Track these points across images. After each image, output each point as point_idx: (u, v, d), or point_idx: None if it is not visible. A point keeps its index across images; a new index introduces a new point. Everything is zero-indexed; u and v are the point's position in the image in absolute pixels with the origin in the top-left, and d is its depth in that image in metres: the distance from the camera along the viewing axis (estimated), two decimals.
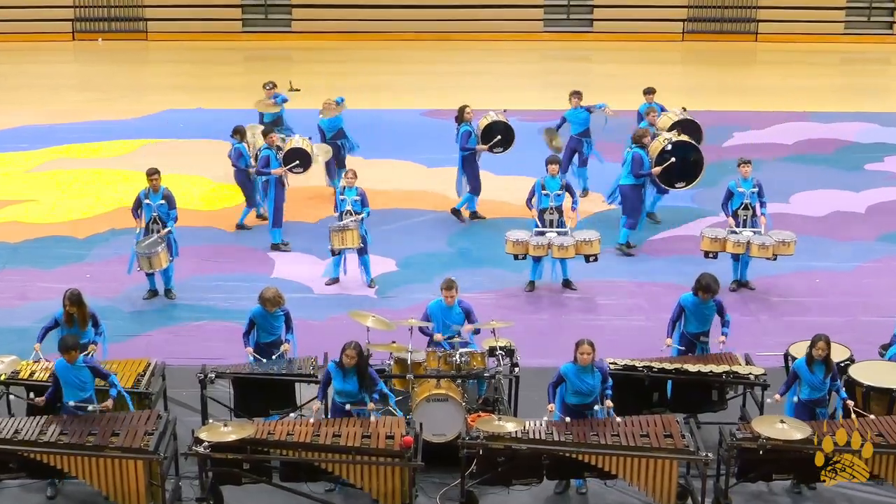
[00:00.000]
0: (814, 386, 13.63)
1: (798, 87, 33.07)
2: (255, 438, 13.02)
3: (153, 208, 18.58)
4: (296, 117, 25.10)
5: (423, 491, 13.63)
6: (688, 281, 18.98)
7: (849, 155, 26.71)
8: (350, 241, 18.67)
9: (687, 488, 13.28)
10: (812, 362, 13.58)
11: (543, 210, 18.88)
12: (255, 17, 39.59)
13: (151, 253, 18.17)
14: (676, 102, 31.11)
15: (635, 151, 19.85)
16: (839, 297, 18.59)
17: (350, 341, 13.59)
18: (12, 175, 25.24)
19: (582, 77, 34.66)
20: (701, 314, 15.29)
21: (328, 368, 13.86)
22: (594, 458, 13.02)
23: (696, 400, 14.81)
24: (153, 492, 12.96)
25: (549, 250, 18.53)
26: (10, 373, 14.52)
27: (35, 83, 33.76)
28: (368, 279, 19.35)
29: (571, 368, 13.60)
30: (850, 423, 13.23)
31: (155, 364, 14.97)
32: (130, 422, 13.34)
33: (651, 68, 35.54)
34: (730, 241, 18.60)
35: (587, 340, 13.55)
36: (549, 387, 13.79)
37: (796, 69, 35.51)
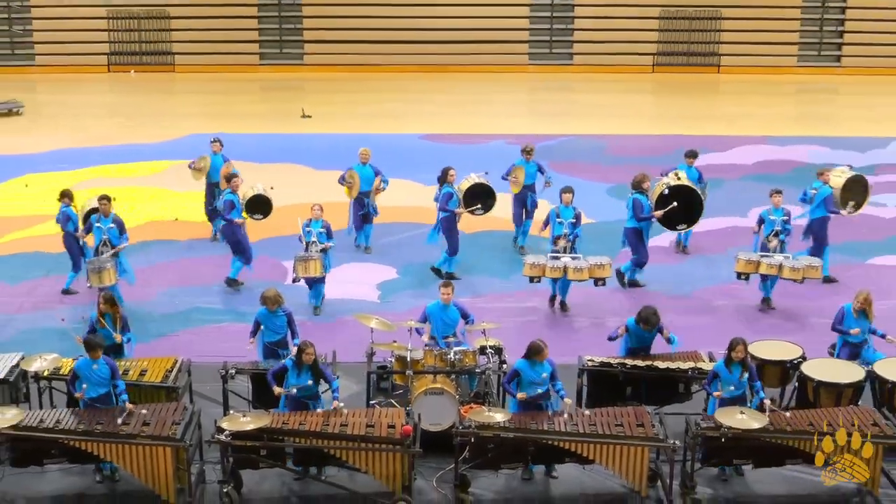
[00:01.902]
0: (732, 384, 13.62)
1: (756, 114, 33.10)
2: (270, 428, 13.04)
3: (103, 231, 18.15)
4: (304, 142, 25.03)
5: (422, 475, 13.63)
6: (661, 287, 19.21)
7: (802, 174, 26.63)
8: (313, 270, 18.16)
9: (657, 472, 13.33)
10: (730, 363, 13.62)
11: (558, 237, 18.49)
12: (271, 51, 39.60)
13: (101, 268, 17.75)
14: (647, 127, 31.34)
15: (635, 197, 19.08)
16: (793, 300, 18.57)
17: (306, 341, 13.68)
18: (54, 192, 25.10)
19: (563, 105, 34.82)
20: (641, 337, 15.24)
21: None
22: (574, 445, 13.06)
23: (664, 393, 14.80)
24: (180, 475, 12.99)
25: (564, 273, 18.12)
26: (52, 369, 14.54)
27: (74, 111, 33.75)
28: (318, 303, 18.70)
29: (525, 364, 13.68)
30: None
31: (181, 361, 15.00)
32: (160, 413, 13.35)
33: (625, 97, 35.70)
34: (763, 264, 18.14)
35: (541, 340, 13.70)
36: (505, 384, 13.95)
37: (754, 98, 35.54)
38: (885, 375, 14.27)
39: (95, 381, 13.44)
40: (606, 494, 13.56)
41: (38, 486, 13.58)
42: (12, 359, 14.77)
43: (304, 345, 13.54)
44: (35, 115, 32.91)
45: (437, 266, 19.92)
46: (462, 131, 30.61)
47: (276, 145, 29.06)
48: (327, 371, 13.74)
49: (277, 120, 32.46)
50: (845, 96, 36.71)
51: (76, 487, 13.63)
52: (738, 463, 13.64)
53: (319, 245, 18.34)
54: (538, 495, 13.59)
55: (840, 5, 39.14)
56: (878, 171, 26.81)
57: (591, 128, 31.13)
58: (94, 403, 13.49)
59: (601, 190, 24.89)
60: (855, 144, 29.30)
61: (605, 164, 27.36)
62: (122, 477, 13.57)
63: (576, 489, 13.67)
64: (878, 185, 25.51)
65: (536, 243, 20.91)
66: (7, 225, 22.21)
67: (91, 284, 17.94)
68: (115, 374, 13.57)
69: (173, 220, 22.78)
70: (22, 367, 14.58)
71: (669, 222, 19.14)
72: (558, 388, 13.77)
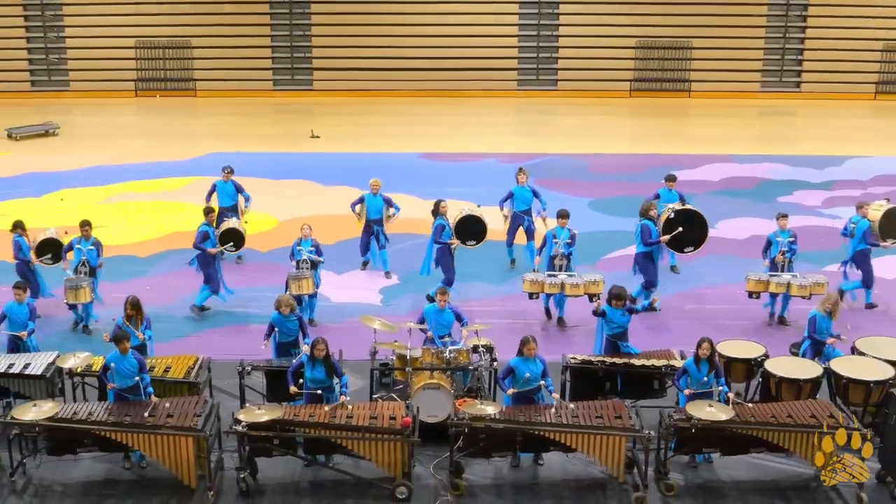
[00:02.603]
0: (699, 381, 13.66)
1: (723, 135, 33.09)
2: (283, 419, 13.09)
3: (83, 253, 17.97)
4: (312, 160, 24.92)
5: (420, 462, 13.66)
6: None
7: (765, 189, 26.75)
8: (306, 287, 17.90)
9: (633, 459, 13.34)
10: (699, 361, 13.64)
11: (554, 256, 18.30)
12: (283, 78, 39.57)
13: (77, 286, 17.56)
14: (625, 147, 31.37)
15: (643, 223, 18.58)
16: (758, 304, 18.58)
17: (319, 337, 13.73)
18: (88, 205, 25.25)
19: (548, 127, 34.84)
20: (618, 321, 15.24)
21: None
22: (558, 434, 13.10)
23: (640, 388, 14.83)
24: (201, 462, 13.05)
25: (561, 289, 17.97)
26: (84, 366, 14.58)
27: (105, 132, 33.71)
28: (311, 315, 18.27)
29: (519, 361, 13.71)
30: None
31: (202, 359, 15.02)
32: (182, 405, 13.39)
33: (604, 119, 35.71)
34: (772, 283, 17.90)
35: (532, 337, 13.75)
36: (499, 380, 13.94)
37: (722, 120, 35.54)
38: (840, 372, 14.33)
39: (125, 374, 13.50)
40: (587, 480, 13.57)
41: (72, 472, 13.61)
42: (49, 357, 14.82)
43: (317, 341, 13.60)
44: (69, 136, 32.89)
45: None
46: (457, 150, 30.60)
47: (288, 163, 29.06)
48: (338, 366, 13.77)
49: (289, 140, 32.46)
50: (804, 118, 36.73)
51: (106, 474, 13.63)
52: (707, 451, 13.66)
53: (309, 263, 18.12)
54: (526, 480, 13.59)
55: (800, 36, 39.15)
56: (835, 187, 26.91)
57: (573, 147, 31.13)
58: (123, 394, 13.54)
59: (583, 204, 24.87)
60: (813, 162, 29.29)
61: (586, 181, 27.36)
62: (149, 464, 13.58)
63: (559, 475, 13.68)
64: (833, 199, 25.71)
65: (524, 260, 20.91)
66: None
67: (67, 301, 17.73)
68: (142, 368, 13.63)
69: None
70: (57, 364, 14.64)
71: (678, 246, 18.67)
72: (548, 384, 13.79)
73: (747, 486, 13.42)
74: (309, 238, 18.32)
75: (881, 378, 14.12)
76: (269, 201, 24.65)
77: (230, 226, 19.41)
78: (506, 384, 13.79)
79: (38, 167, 28.76)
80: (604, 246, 21.55)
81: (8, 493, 13.15)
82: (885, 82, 39.11)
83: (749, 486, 13.41)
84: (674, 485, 13.25)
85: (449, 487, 13.21)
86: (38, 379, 14.39)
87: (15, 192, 26.39)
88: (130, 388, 13.59)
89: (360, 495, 13.15)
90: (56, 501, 13.06)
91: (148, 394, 13.54)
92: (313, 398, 13.64)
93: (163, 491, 13.19)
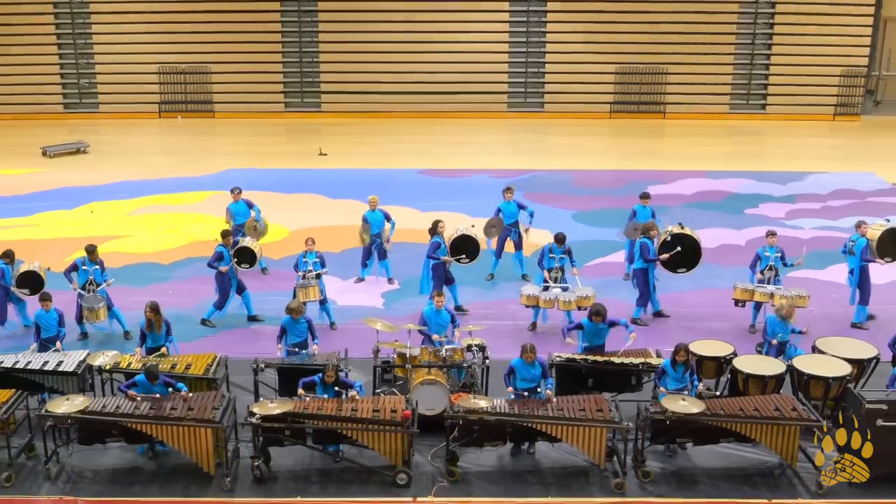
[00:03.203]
0: (676, 379, 13.81)
1: (695, 153, 33.12)
2: (293, 412, 13.10)
3: (89, 272, 17.50)
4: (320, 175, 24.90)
5: (419, 451, 13.68)
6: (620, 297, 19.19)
7: (733, 202, 26.77)
8: (312, 295, 17.82)
9: (613, 449, 13.34)
10: (675, 364, 13.80)
11: (550, 269, 18.15)
12: (294, 101, 39.58)
13: (94, 307, 17.26)
14: (606, 164, 31.40)
15: (643, 241, 18.33)
16: (725, 307, 18.56)
17: (329, 364, 13.71)
18: (115, 217, 25.26)
19: (536, 145, 34.84)
20: (596, 333, 15.21)
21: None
22: (544, 426, 13.13)
23: (619, 384, 14.84)
24: (218, 451, 13.07)
25: (555, 303, 17.83)
26: (112, 364, 14.62)
27: (131, 150, 33.74)
28: (332, 320, 18.23)
29: (519, 363, 13.77)
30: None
31: (220, 357, 15.04)
32: (202, 400, 13.40)
33: (586, 139, 35.74)
34: (758, 292, 17.76)
35: (530, 346, 13.79)
36: (504, 377, 13.94)
37: (694, 139, 35.60)
38: (801, 369, 14.37)
39: (151, 393, 13.54)
40: (571, 467, 13.56)
41: (101, 460, 13.62)
42: (80, 355, 14.84)
43: (326, 369, 13.61)
44: (99, 154, 32.87)
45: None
46: (452, 167, 30.61)
47: (298, 178, 29.04)
48: (348, 381, 13.78)
49: (299, 157, 32.46)
50: (770, 137, 36.75)
51: (132, 462, 13.64)
52: (680, 441, 13.65)
53: (315, 273, 18.05)
54: (514, 467, 13.59)
55: (765, 62, 39.20)
56: (797, 200, 26.94)
57: (559, 164, 31.16)
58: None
59: (568, 216, 24.92)
60: (777, 178, 29.35)
61: (571, 195, 27.36)
62: (171, 453, 13.58)
63: (546, 463, 13.68)
64: (796, 211, 25.75)
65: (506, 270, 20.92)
66: (76, 244, 22.17)
67: (88, 321, 17.46)
68: (172, 386, 13.69)
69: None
70: (88, 362, 14.66)
71: (672, 266, 18.37)
72: (548, 383, 13.90)
73: (717, 473, 13.43)
74: (313, 251, 18.28)
75: (839, 374, 14.18)
76: (281, 214, 24.64)
77: (243, 244, 19.12)
78: (509, 381, 13.83)
79: (71, 182, 28.79)
80: (587, 254, 21.54)
81: (43, 480, 13.17)
82: (843, 104, 39.18)
83: (719, 473, 13.41)
84: (650, 472, 13.26)
85: (445, 474, 13.22)
86: (70, 375, 14.41)
87: (49, 204, 26.42)
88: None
89: (364, 481, 13.14)
90: (86, 487, 13.05)
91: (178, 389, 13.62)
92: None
93: (184, 477, 13.20)
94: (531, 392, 13.78)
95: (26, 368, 14.52)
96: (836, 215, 25.48)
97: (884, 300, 18.80)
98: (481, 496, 12.91)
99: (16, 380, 14.39)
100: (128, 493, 12.95)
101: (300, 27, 39.07)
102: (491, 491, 13.02)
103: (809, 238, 23.32)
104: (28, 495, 12.90)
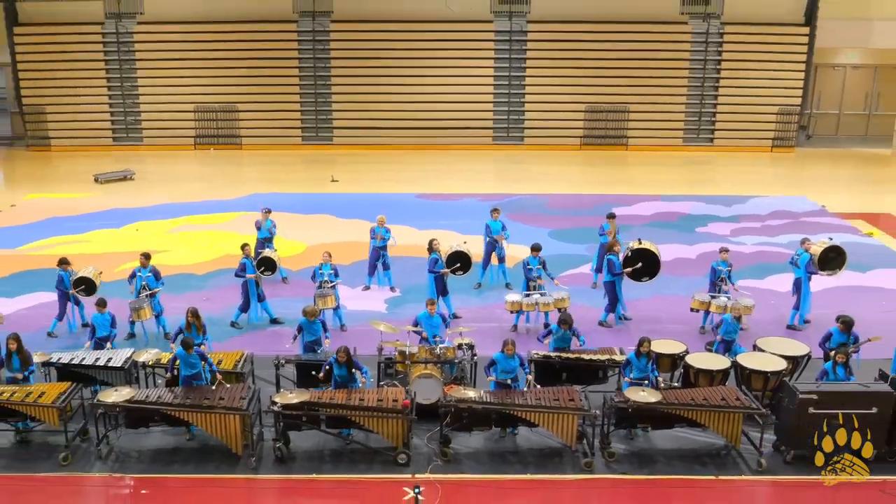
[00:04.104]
0: (639, 368, 13.89)
1: (653, 180, 33.25)
2: (309, 401, 13.14)
3: (143, 279, 17.61)
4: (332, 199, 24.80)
5: (417, 435, 13.72)
6: (589, 302, 19.22)
7: (686, 222, 26.83)
8: (330, 303, 17.72)
9: (583, 433, 13.34)
10: (640, 355, 13.85)
11: (529, 279, 18.27)
12: (310, 135, 39.64)
13: (139, 307, 17.31)
14: (577, 189, 31.46)
15: (609, 258, 18.30)
16: (680, 312, 18.63)
17: (341, 346, 13.73)
18: (157, 235, 25.29)
19: (517, 173, 34.91)
20: (563, 338, 15.16)
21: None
22: (524, 413, 13.17)
23: (588, 377, 14.88)
24: (245, 435, 13.09)
25: (536, 307, 17.87)
26: (154, 360, 14.68)
27: (170, 177, 33.78)
28: (343, 322, 18.09)
29: (501, 356, 13.80)
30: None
31: (246, 354, 15.06)
32: (231, 391, 13.43)
33: (560, 168, 35.80)
34: (713, 304, 17.68)
35: (511, 340, 13.84)
36: (485, 368, 14.00)
37: (652, 168, 35.70)
38: (744, 364, 14.39)
39: (188, 364, 13.68)
40: (547, 449, 13.59)
41: (145, 442, 13.64)
42: (127, 353, 14.88)
43: (339, 349, 13.64)
44: (143, 180, 32.91)
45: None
46: (445, 191, 30.70)
47: (313, 201, 29.07)
48: (358, 362, 13.82)
49: (314, 183, 32.51)
50: (717, 166, 36.86)
51: (172, 444, 13.67)
52: (640, 426, 13.70)
53: (330, 283, 18.04)
54: (499, 449, 13.61)
55: (713, 101, 39.35)
56: (741, 220, 27.02)
57: (536, 189, 31.24)
58: (189, 379, 13.73)
59: (544, 233, 24.95)
60: (724, 201, 29.44)
61: (546, 215, 27.44)
62: (203, 437, 13.60)
63: (525, 445, 13.72)
64: (739, 230, 25.82)
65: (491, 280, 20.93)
66: (124, 258, 22.24)
67: (133, 320, 17.45)
68: (204, 358, 13.82)
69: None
70: (134, 358, 14.69)
71: (636, 276, 18.33)
72: (527, 370, 14.03)
73: (672, 453, 13.47)
74: (328, 262, 18.28)
75: (777, 369, 14.23)
76: (298, 231, 24.73)
77: (265, 254, 19.35)
78: (489, 372, 13.88)
79: (118, 204, 28.82)
80: (561, 266, 21.60)
81: (95, 459, 13.18)
82: (780, 138, 39.32)
83: (673, 454, 13.45)
84: (615, 452, 13.30)
85: (439, 454, 13.25)
86: (118, 370, 14.44)
87: (100, 223, 26.44)
88: (193, 375, 13.77)
89: (370, 461, 13.17)
90: (133, 465, 13.07)
91: (213, 372, 13.74)
92: (339, 386, 13.77)
93: (215, 458, 13.23)
94: (511, 382, 13.81)
95: (81, 364, 14.57)
96: (774, 233, 25.56)
97: (818, 306, 18.84)
98: (470, 473, 12.93)
99: (73, 374, 14.46)
100: (168, 470, 12.97)
101: (315, 71, 39.18)
102: (478, 469, 13.03)
103: (751, 252, 23.44)
104: (83, 472, 12.92)
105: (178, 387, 13.66)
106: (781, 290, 19.77)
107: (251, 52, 38.44)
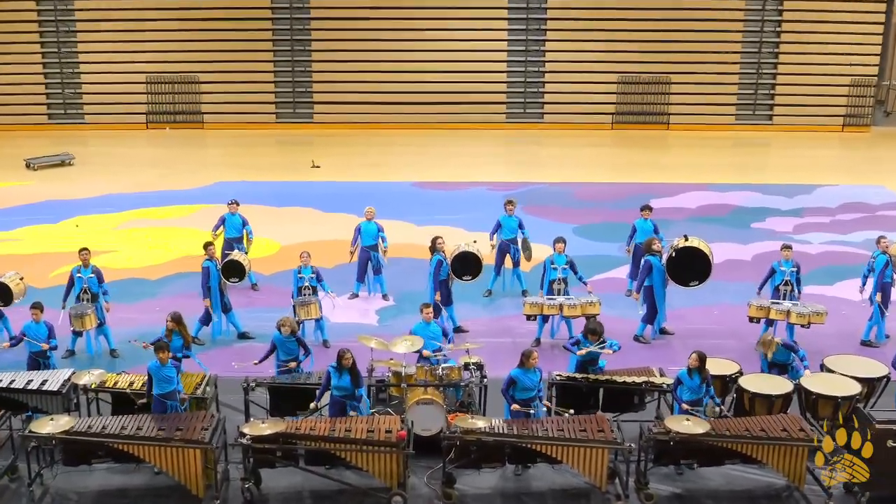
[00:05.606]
0: (691, 389, 13.83)
1: (700, 165, 33.26)
2: (285, 432, 13.12)
3: (83, 281, 17.65)
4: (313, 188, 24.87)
5: (414, 473, 13.70)
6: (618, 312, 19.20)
7: (738, 216, 26.87)
8: (313, 312, 17.84)
9: (615, 470, 13.37)
10: (690, 371, 13.81)
11: (553, 280, 18.26)
12: (285, 111, 39.70)
13: (82, 314, 17.33)
14: (607, 176, 31.49)
15: (646, 259, 18.35)
16: (732, 324, 18.61)
17: (345, 348, 13.84)
18: (101, 231, 25.32)
19: (535, 157, 34.95)
20: (590, 350, 15.13)
21: (327, 371, 13.93)
22: (544, 447, 13.14)
23: (621, 403, 14.86)
24: (208, 473, 13.07)
25: (559, 310, 17.90)
26: (98, 383, 14.62)
27: (118, 161, 33.78)
28: (325, 337, 18.24)
29: (519, 372, 13.80)
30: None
31: (209, 375, 15.02)
32: (190, 420, 13.43)
33: (587, 150, 35.87)
34: (773, 310, 17.66)
35: (533, 352, 13.85)
36: (503, 392, 13.94)
37: (699, 151, 35.72)
38: (809, 388, 14.39)
39: (163, 380, 13.70)
40: (572, 490, 13.59)
41: (86, 482, 13.62)
42: (65, 374, 14.84)
43: (343, 351, 13.72)
44: (84, 166, 32.94)
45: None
46: (449, 179, 30.71)
47: (290, 191, 29.14)
48: (361, 377, 13.86)
49: (290, 170, 32.54)
50: (776, 149, 36.91)
51: (119, 483, 13.63)
52: (684, 463, 13.67)
53: (311, 288, 18.07)
54: (513, 491, 13.59)
55: (772, 72, 39.38)
56: (805, 214, 27.05)
57: (559, 177, 31.25)
58: (162, 399, 13.74)
59: (568, 230, 24.80)
60: (783, 191, 29.49)
61: (571, 208, 27.44)
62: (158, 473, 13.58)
63: (546, 485, 13.70)
64: (804, 225, 25.83)
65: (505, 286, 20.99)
66: (60, 259, 22.24)
67: (74, 328, 17.47)
68: (178, 373, 13.93)
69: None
70: (73, 381, 14.65)
71: (683, 282, 18.30)
72: (540, 392, 13.99)
73: (722, 495, 13.46)
74: (308, 265, 18.28)
75: (849, 394, 14.21)
76: (272, 227, 24.73)
77: (232, 258, 19.39)
78: (508, 395, 13.84)
79: (55, 195, 28.85)
80: (588, 269, 21.49)
81: (27, 502, 13.17)
82: (852, 115, 39.34)
83: (724, 496, 13.44)
84: (653, 494, 13.27)
85: (441, 497, 13.23)
86: (54, 394, 14.39)
87: (33, 218, 26.48)
88: (169, 394, 13.77)
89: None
90: None
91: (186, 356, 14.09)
92: (338, 406, 13.81)
93: (172, 500, 13.19)
94: (531, 401, 13.81)
95: (9, 388, 14.48)
96: (845, 229, 25.60)
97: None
98: None
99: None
100: None
101: (292, 35, 39.22)
102: None
103: (818, 253, 23.41)
104: None
105: (144, 413, 13.62)
106: (854, 297, 19.74)
107: (215, 10, 38.44)
